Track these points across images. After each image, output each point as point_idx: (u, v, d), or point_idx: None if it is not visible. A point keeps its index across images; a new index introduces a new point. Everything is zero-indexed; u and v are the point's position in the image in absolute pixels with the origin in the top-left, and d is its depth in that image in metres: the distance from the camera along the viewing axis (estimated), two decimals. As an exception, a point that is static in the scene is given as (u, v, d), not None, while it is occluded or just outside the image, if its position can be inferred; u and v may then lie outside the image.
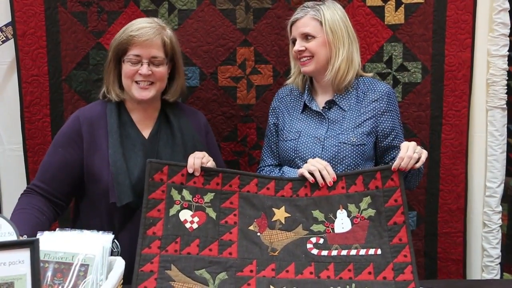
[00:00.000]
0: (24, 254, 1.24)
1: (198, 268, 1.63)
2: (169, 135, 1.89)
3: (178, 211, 1.71)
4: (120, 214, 1.77)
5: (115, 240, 1.73)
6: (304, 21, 1.90)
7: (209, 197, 1.73)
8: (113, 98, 1.86)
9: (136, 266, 1.61)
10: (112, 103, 1.87)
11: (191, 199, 1.72)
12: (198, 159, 1.73)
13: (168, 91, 1.92)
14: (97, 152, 1.80)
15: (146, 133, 1.89)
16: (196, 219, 1.71)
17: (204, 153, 1.79)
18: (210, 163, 1.77)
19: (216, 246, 1.68)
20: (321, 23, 1.89)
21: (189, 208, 1.72)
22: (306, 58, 1.90)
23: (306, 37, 1.90)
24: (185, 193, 1.73)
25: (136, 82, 1.82)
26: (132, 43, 1.79)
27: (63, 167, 1.80)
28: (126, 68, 1.82)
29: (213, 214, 1.72)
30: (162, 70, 1.84)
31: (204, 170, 1.75)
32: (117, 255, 1.68)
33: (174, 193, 1.72)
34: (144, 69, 1.79)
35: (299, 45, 1.90)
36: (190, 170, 1.73)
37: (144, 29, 1.81)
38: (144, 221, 1.67)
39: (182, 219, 1.71)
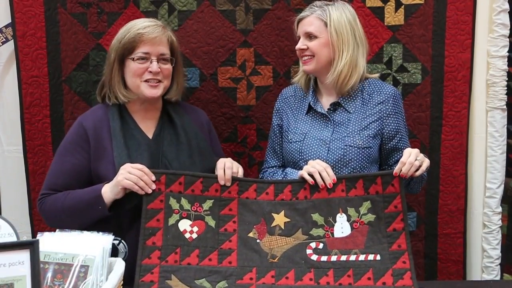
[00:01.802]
0: (24, 255, 1.25)
1: (198, 278, 1.63)
2: (173, 134, 1.89)
3: (177, 221, 1.71)
4: (127, 215, 1.76)
5: (123, 241, 1.73)
6: (309, 20, 1.90)
7: (208, 204, 1.73)
8: (121, 100, 1.85)
9: (136, 277, 1.62)
10: (113, 106, 1.86)
11: (189, 208, 1.73)
12: (229, 170, 1.74)
13: (169, 90, 1.92)
14: (102, 156, 1.80)
15: (149, 133, 1.89)
16: (195, 228, 1.71)
17: (230, 160, 1.80)
18: (240, 170, 1.78)
19: (215, 255, 1.68)
20: (325, 23, 1.88)
21: (188, 217, 1.72)
22: (307, 57, 1.90)
23: (309, 36, 1.89)
24: (184, 201, 1.73)
25: (145, 80, 1.82)
26: (141, 40, 1.80)
27: (74, 174, 1.79)
28: (135, 66, 1.81)
29: (212, 223, 1.72)
30: (169, 67, 1.85)
31: (238, 180, 1.77)
32: (125, 256, 1.69)
33: (173, 202, 1.72)
34: (154, 66, 1.80)
35: (301, 44, 1.91)
36: (222, 182, 1.74)
37: (151, 27, 1.82)
38: (144, 231, 1.68)
39: (181, 229, 1.71)
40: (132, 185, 1.67)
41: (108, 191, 1.70)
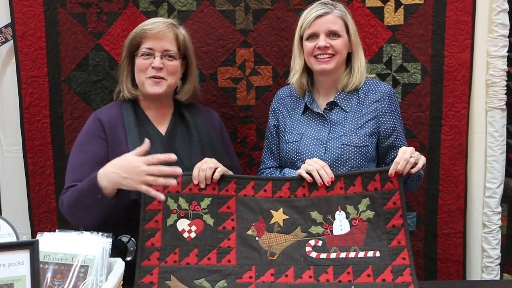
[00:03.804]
0: (24, 255, 1.25)
1: (197, 278, 1.63)
2: (185, 132, 1.91)
3: (176, 221, 1.71)
4: (138, 211, 1.74)
5: (133, 239, 1.73)
6: (331, 18, 1.87)
7: (206, 203, 1.73)
8: (125, 95, 1.88)
9: (136, 278, 1.62)
10: (128, 102, 1.89)
11: (187, 208, 1.72)
12: (203, 172, 1.72)
13: (180, 90, 1.94)
14: (117, 150, 1.79)
15: (162, 130, 1.90)
16: (193, 228, 1.71)
17: (213, 160, 1.78)
18: (220, 169, 1.75)
19: (214, 254, 1.68)
20: (345, 23, 1.89)
21: (186, 217, 1.72)
22: (327, 56, 1.87)
23: (331, 34, 1.87)
24: (182, 201, 1.73)
25: (149, 77, 1.82)
26: (145, 36, 1.82)
27: (97, 160, 1.74)
28: (139, 62, 1.83)
29: (210, 221, 1.72)
30: (175, 64, 1.85)
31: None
32: (133, 253, 1.69)
33: (171, 202, 1.72)
34: (157, 61, 1.81)
35: (324, 41, 1.86)
36: (195, 182, 1.73)
37: (157, 23, 1.85)
38: (143, 233, 1.68)
39: (180, 229, 1.71)
40: (148, 191, 1.58)
41: (104, 181, 1.61)
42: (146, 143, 1.60)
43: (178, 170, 1.59)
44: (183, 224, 1.71)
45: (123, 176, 1.58)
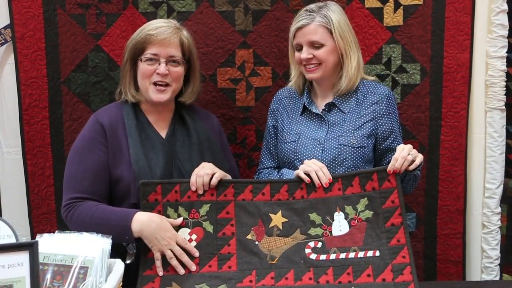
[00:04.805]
0: (23, 257, 1.25)
1: (198, 283, 1.64)
2: (185, 136, 1.90)
3: (176, 231, 1.71)
4: None
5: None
6: (312, 28, 1.86)
7: (204, 209, 1.73)
8: (129, 99, 1.86)
9: (138, 286, 1.63)
10: (128, 105, 1.87)
11: (187, 216, 1.73)
12: (200, 178, 1.73)
13: (184, 93, 1.93)
14: (118, 154, 1.79)
15: (162, 133, 1.90)
16: (194, 236, 1.72)
17: (210, 165, 1.78)
18: (217, 174, 1.75)
19: (215, 261, 1.68)
20: (330, 30, 1.86)
21: (186, 226, 1.72)
22: (313, 66, 1.88)
23: (314, 44, 1.87)
24: (181, 210, 1.73)
25: (154, 84, 1.81)
26: (150, 42, 1.80)
27: (98, 172, 1.76)
28: (144, 67, 1.81)
29: (210, 228, 1.72)
30: (179, 70, 1.84)
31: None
32: (133, 256, 1.69)
33: (171, 211, 1.72)
34: (162, 68, 1.79)
35: (306, 53, 1.87)
36: (193, 188, 1.73)
37: (162, 28, 1.82)
38: (145, 244, 1.67)
39: None
40: (173, 260, 1.66)
41: (137, 226, 1.65)
42: (179, 220, 1.71)
43: (193, 266, 1.67)
44: (184, 234, 1.71)
45: (155, 235, 1.65)
